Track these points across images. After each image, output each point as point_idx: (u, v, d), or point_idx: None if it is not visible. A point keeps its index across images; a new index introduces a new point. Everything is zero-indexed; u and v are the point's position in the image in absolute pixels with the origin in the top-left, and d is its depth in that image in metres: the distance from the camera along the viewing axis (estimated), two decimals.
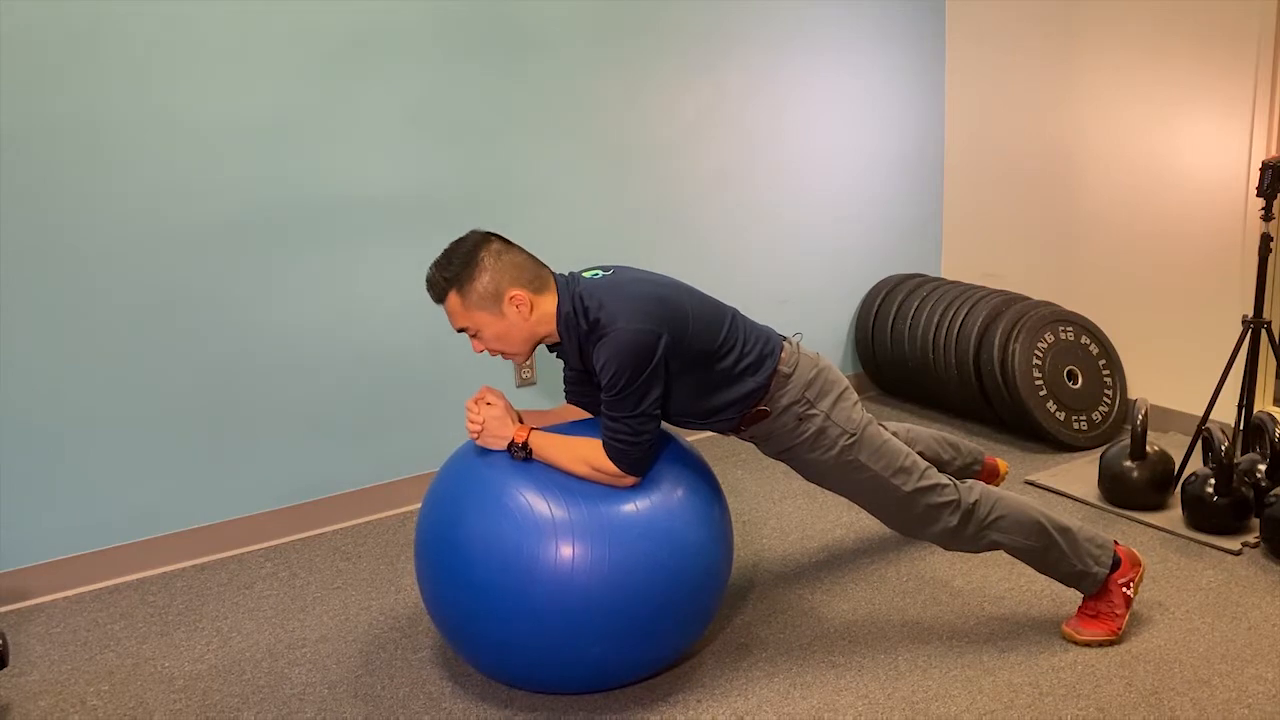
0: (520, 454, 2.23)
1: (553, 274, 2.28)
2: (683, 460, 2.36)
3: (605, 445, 2.18)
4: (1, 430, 2.83)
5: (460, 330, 2.25)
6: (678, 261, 3.82)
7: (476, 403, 2.29)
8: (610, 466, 2.18)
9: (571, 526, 2.13)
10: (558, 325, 2.24)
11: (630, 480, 2.20)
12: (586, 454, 2.20)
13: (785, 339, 2.43)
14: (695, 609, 2.30)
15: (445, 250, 2.22)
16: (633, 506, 2.19)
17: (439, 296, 2.21)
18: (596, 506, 2.17)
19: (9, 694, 2.47)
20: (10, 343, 2.81)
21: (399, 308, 3.32)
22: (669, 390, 2.26)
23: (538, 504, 2.16)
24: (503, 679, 2.38)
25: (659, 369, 2.17)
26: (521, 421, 2.30)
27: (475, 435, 2.28)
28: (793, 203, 4.09)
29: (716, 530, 2.32)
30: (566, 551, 2.12)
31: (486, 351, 2.27)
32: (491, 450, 2.28)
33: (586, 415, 2.42)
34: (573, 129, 3.56)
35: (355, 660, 2.57)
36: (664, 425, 2.32)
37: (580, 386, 2.46)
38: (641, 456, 2.19)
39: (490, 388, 2.32)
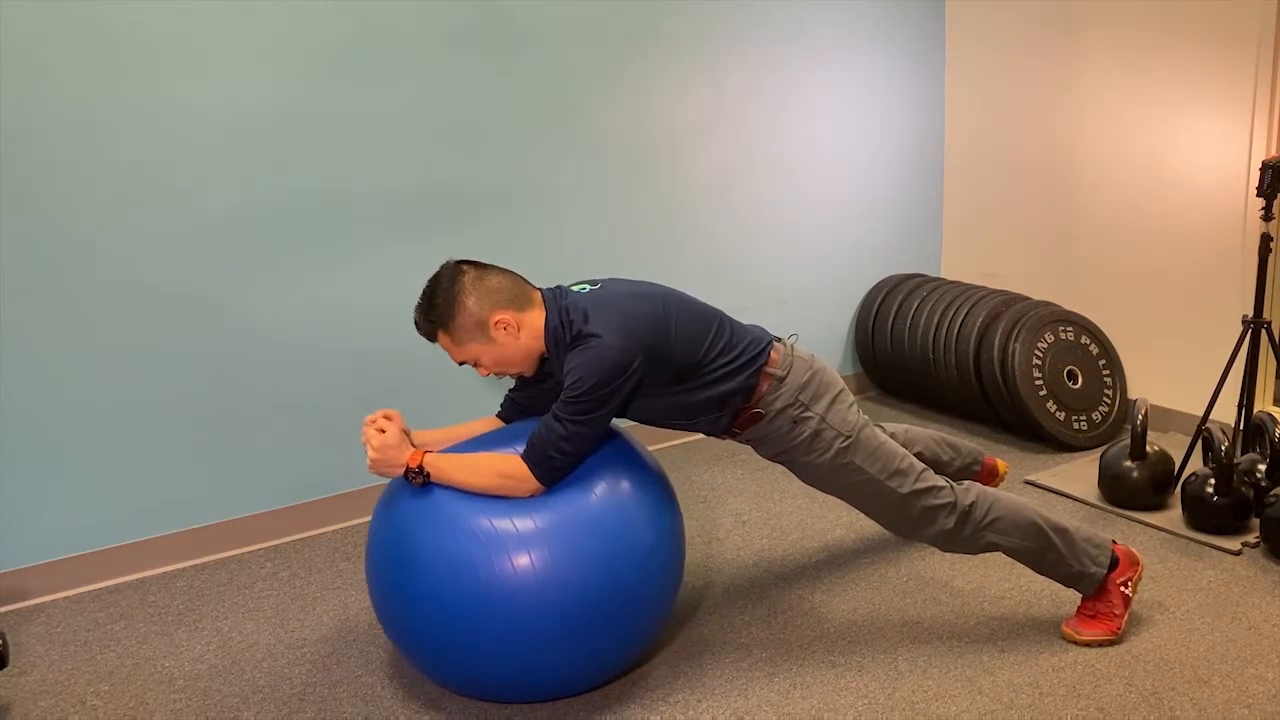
0: (418, 479, 2.17)
1: (538, 290, 2.28)
2: (628, 457, 2.32)
3: (531, 445, 2.15)
4: (1, 430, 2.83)
5: (462, 364, 2.26)
6: (677, 261, 3.82)
7: (371, 426, 2.22)
8: (522, 470, 2.14)
9: (521, 535, 2.10)
10: (545, 339, 2.24)
11: (536, 489, 2.16)
12: (494, 463, 2.17)
13: (779, 340, 2.42)
14: (649, 608, 2.27)
15: (424, 291, 2.22)
16: (581, 507, 2.17)
17: (429, 338, 2.23)
18: (542, 512, 2.14)
19: (9, 694, 2.47)
20: (10, 343, 2.81)
21: (399, 307, 3.31)
22: (651, 397, 2.26)
23: (486, 516, 2.12)
24: (465, 692, 2.35)
25: (623, 389, 2.16)
26: (414, 446, 2.24)
27: (372, 466, 2.20)
28: (793, 203, 4.09)
29: (665, 527, 2.29)
30: (521, 560, 2.08)
31: (495, 375, 2.28)
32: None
33: (481, 432, 2.37)
34: (573, 129, 3.56)
35: (355, 660, 2.57)
36: (621, 425, 2.30)
37: (530, 385, 2.42)
38: (562, 466, 2.16)
39: (386, 411, 2.25)
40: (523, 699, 2.32)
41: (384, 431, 2.20)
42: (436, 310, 2.19)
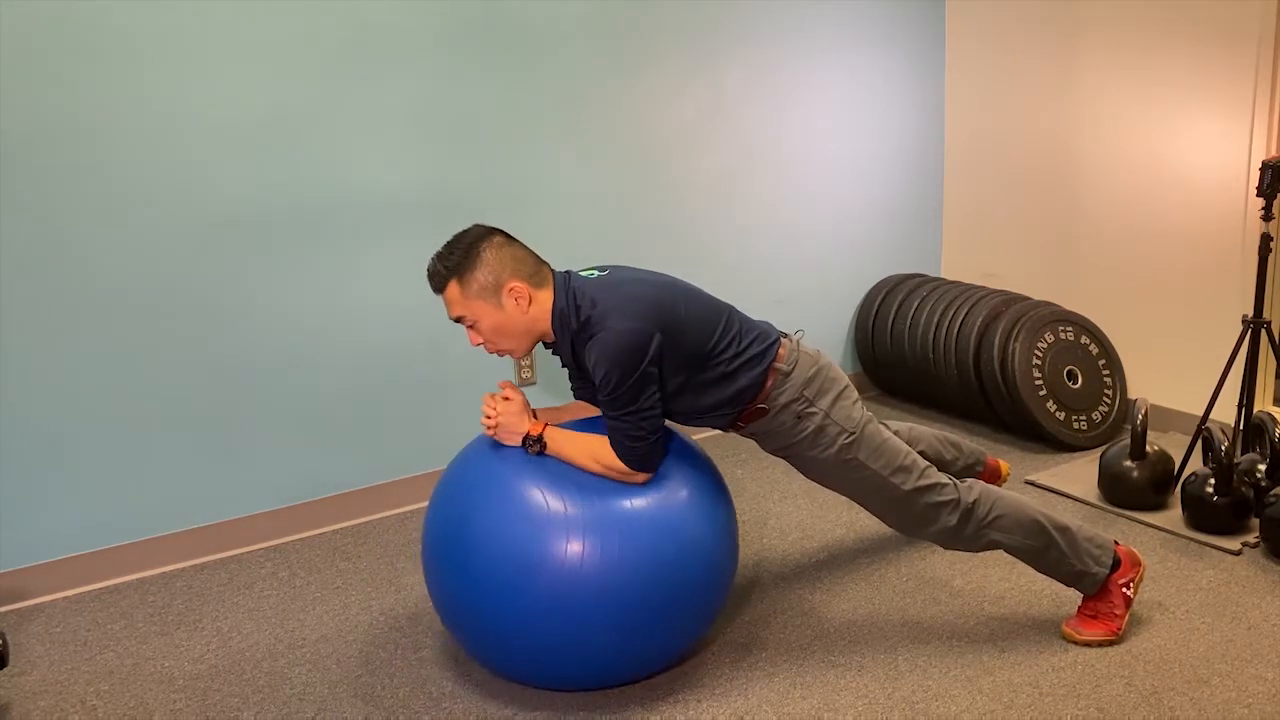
0: (535, 448, 2.25)
1: (552, 271, 2.29)
2: (687, 457, 2.36)
3: (611, 443, 2.19)
4: (1, 430, 2.83)
5: (457, 319, 2.25)
6: (677, 261, 3.81)
7: (494, 396, 2.31)
8: (619, 464, 2.19)
9: (579, 522, 2.14)
10: (552, 322, 2.25)
11: (641, 477, 2.22)
12: (597, 451, 2.21)
13: (785, 335, 2.42)
14: (701, 605, 2.31)
15: (448, 242, 2.23)
16: (640, 502, 2.21)
17: (439, 285, 2.22)
18: (603, 502, 2.18)
19: (9, 694, 2.47)
20: (10, 343, 2.81)
21: (399, 307, 3.32)
22: (664, 388, 2.26)
23: (546, 499, 2.17)
24: (509, 674, 2.39)
25: (651, 367, 2.17)
26: (536, 417, 2.31)
27: (490, 430, 2.29)
28: (793, 202, 4.09)
29: (721, 526, 2.33)
30: (574, 547, 2.13)
31: (484, 347, 2.27)
32: (500, 447, 2.29)
33: (597, 411, 2.42)
34: (573, 129, 3.56)
35: (355, 660, 2.57)
36: (667, 423, 2.33)
37: (581, 383, 2.47)
38: (647, 452, 2.20)
39: (509, 383, 2.34)
40: (571, 686, 2.35)
41: (509, 400, 2.29)
42: (455, 258, 2.20)
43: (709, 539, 2.28)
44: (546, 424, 2.28)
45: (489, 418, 2.29)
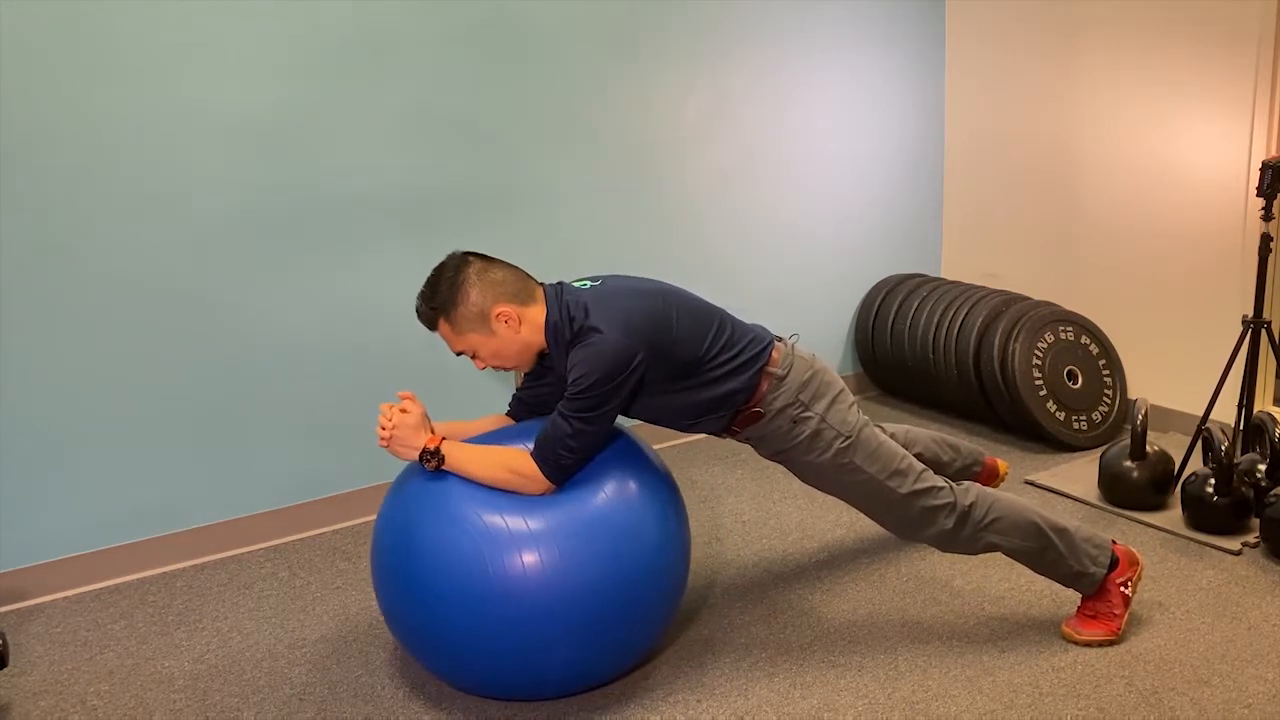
0: (432, 463, 2.19)
1: (540, 285, 2.29)
2: (635, 458, 2.33)
3: (539, 443, 2.16)
4: (1, 430, 2.83)
5: (459, 354, 2.27)
6: (677, 261, 3.82)
7: (391, 407, 2.25)
8: (532, 469, 2.15)
9: (528, 531, 2.11)
10: (545, 335, 2.25)
11: (547, 487, 2.18)
12: (504, 459, 2.18)
13: (779, 339, 2.42)
14: (653, 611, 2.28)
15: (428, 280, 2.24)
16: (589, 506, 2.18)
17: (430, 326, 2.24)
18: (552, 510, 2.15)
19: (9, 694, 2.47)
20: (10, 343, 2.81)
21: (399, 307, 3.31)
22: (655, 395, 2.26)
23: (493, 510, 2.13)
24: (463, 687, 2.35)
25: (626, 384, 2.17)
26: (433, 431, 2.26)
27: (384, 442, 2.22)
28: (793, 203, 4.09)
29: (671, 526, 2.30)
30: (529, 558, 2.09)
31: (491, 368, 2.29)
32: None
33: (501, 423, 2.40)
34: (573, 129, 3.56)
35: (355, 660, 2.57)
36: (626, 424, 2.31)
37: (536, 382, 2.43)
38: (570, 464, 2.17)
39: (410, 394, 2.29)
40: (527, 696, 2.32)
41: (406, 412, 2.23)
42: (439, 298, 2.20)
43: (659, 541, 2.24)
44: (444, 438, 2.22)
45: (383, 428, 2.21)
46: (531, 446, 2.20)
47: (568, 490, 2.20)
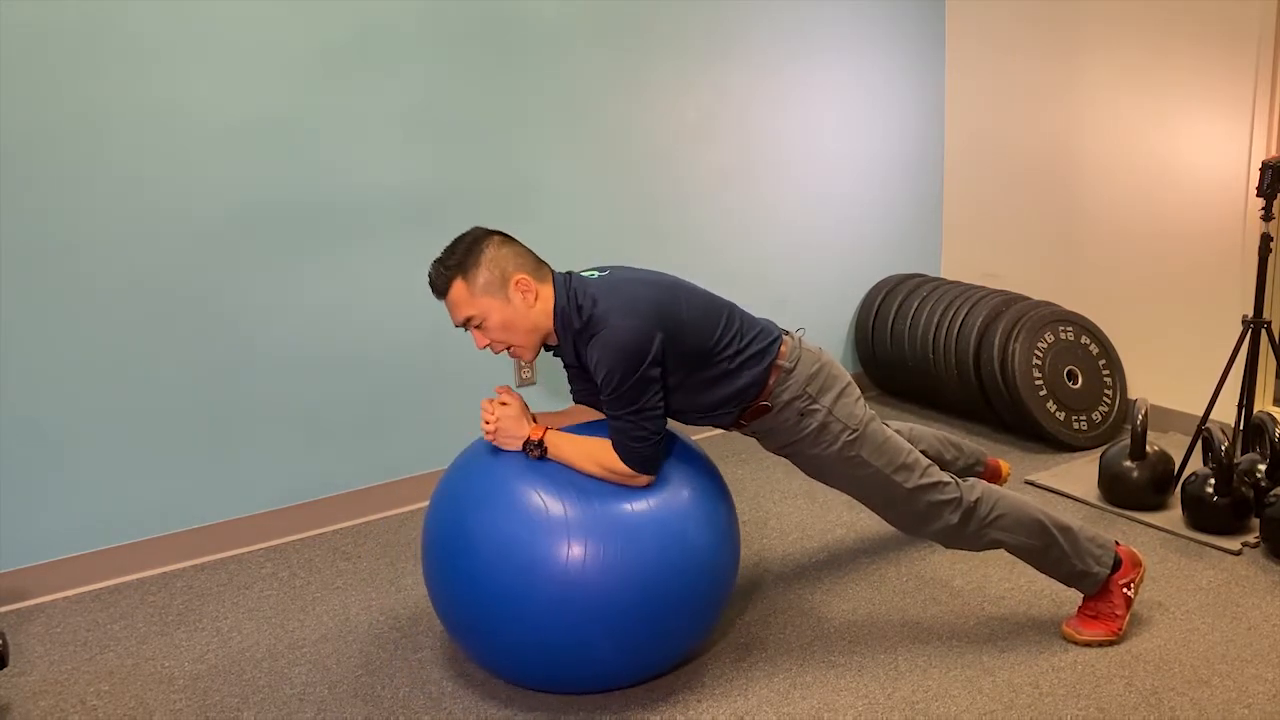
0: (536, 452, 2.23)
1: (552, 271, 2.29)
2: (689, 460, 2.36)
3: (614, 445, 2.18)
4: (1, 430, 2.83)
5: (463, 323, 2.23)
6: (678, 261, 3.80)
7: (491, 402, 2.30)
8: (621, 466, 2.18)
9: (580, 525, 2.14)
10: (554, 322, 2.25)
11: (644, 479, 2.21)
12: (598, 454, 2.20)
13: (786, 333, 2.42)
14: (701, 609, 2.30)
15: (447, 246, 2.23)
16: (641, 505, 2.20)
17: (444, 286, 2.20)
18: (605, 505, 2.17)
19: (9, 694, 2.47)
20: (10, 343, 2.81)
21: (399, 307, 3.32)
22: (667, 387, 2.26)
23: (547, 503, 2.16)
24: (510, 677, 2.38)
25: (653, 366, 2.17)
26: (535, 421, 2.30)
27: (489, 435, 2.28)
28: (793, 203, 4.09)
29: (722, 530, 2.32)
30: (576, 551, 2.12)
31: (490, 348, 2.26)
32: (499, 450, 2.29)
33: (598, 415, 2.41)
34: (573, 129, 3.56)
35: (355, 660, 2.57)
36: (671, 424, 2.32)
37: (582, 384, 2.46)
38: (649, 454, 2.19)
39: (507, 387, 2.33)
40: (573, 689, 2.35)
41: (506, 404, 2.28)
42: (457, 257, 2.19)
43: (710, 543, 2.27)
44: (547, 428, 2.27)
45: (488, 423, 2.28)
46: None
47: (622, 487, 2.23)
